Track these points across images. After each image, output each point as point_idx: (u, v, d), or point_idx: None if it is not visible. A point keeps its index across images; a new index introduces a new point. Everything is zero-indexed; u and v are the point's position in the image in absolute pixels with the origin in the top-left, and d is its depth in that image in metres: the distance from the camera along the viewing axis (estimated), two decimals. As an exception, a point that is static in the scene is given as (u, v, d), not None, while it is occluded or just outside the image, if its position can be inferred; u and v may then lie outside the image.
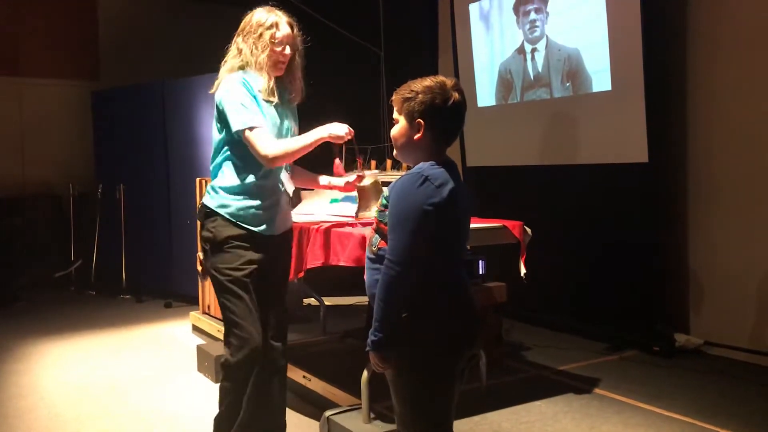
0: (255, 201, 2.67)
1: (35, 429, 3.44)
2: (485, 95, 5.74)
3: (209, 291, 5.01)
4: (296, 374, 3.69)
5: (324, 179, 2.99)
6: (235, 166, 2.68)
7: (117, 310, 6.16)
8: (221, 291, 2.67)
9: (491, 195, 5.62)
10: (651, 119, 4.42)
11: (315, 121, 2.76)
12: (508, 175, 5.64)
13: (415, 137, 1.94)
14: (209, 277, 2.76)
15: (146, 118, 6.61)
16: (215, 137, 2.73)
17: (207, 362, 4.12)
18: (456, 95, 1.92)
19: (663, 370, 4.15)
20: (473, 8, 5.77)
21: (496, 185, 5.74)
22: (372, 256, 1.97)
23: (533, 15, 5.18)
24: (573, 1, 4.89)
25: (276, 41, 2.67)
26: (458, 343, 1.93)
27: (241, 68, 2.69)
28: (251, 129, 2.57)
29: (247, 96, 2.62)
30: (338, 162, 2.93)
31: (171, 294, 6.33)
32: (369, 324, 1.91)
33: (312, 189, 3.60)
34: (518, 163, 5.51)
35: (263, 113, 2.65)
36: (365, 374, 3.12)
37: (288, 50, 2.70)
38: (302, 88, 2.82)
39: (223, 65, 2.74)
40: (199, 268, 4.89)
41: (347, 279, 4.80)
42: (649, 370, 4.16)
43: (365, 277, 2.02)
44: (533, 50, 5.23)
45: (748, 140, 4.28)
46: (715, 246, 4.49)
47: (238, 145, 2.65)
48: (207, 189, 2.76)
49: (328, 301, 5.33)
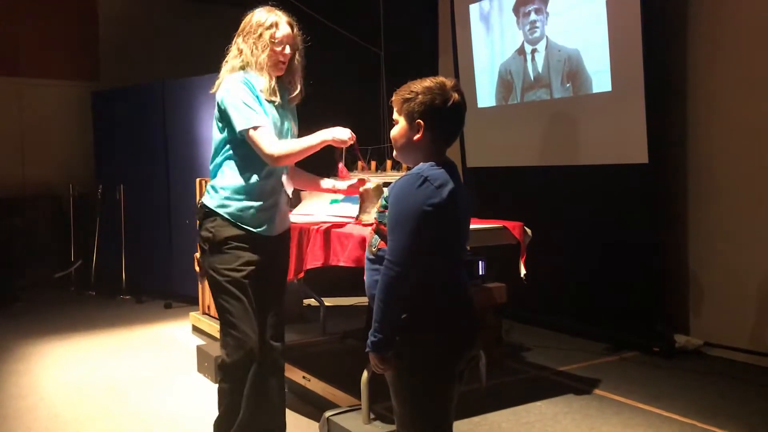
0: (255, 201, 2.67)
1: (35, 429, 3.44)
2: (485, 96, 5.74)
3: (209, 291, 5.00)
4: (296, 375, 3.68)
5: (327, 182, 3.00)
6: (237, 166, 2.68)
7: (117, 311, 6.16)
8: (218, 291, 2.67)
9: (491, 196, 5.62)
10: (651, 120, 4.42)
11: (315, 122, 2.77)
12: (508, 176, 5.63)
13: (415, 138, 1.93)
14: (206, 278, 2.76)
15: (146, 118, 6.61)
16: (216, 137, 2.72)
17: (207, 363, 4.12)
18: (456, 96, 1.92)
19: (663, 371, 4.15)
20: (473, 9, 5.77)
21: (496, 186, 5.74)
22: (372, 257, 1.96)
23: (533, 16, 5.18)
24: (573, 2, 4.89)
25: (276, 41, 2.67)
26: (458, 344, 1.93)
27: (242, 68, 2.69)
28: (255, 128, 2.57)
29: (250, 95, 2.62)
30: (342, 166, 2.94)
31: (171, 294, 6.33)
32: (369, 325, 1.90)
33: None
34: (518, 164, 5.51)
35: (266, 113, 2.65)
36: (365, 375, 3.11)
37: (288, 50, 2.70)
38: (302, 89, 2.82)
39: (224, 65, 2.74)
40: (197, 269, 4.87)
41: (347, 279, 4.79)
42: (649, 371, 4.16)
43: (365, 278, 2.01)
44: (533, 51, 5.23)
45: (748, 140, 4.28)
46: (715, 246, 4.48)
47: (241, 145, 2.65)
48: (206, 188, 2.75)
49: (328, 302, 5.33)
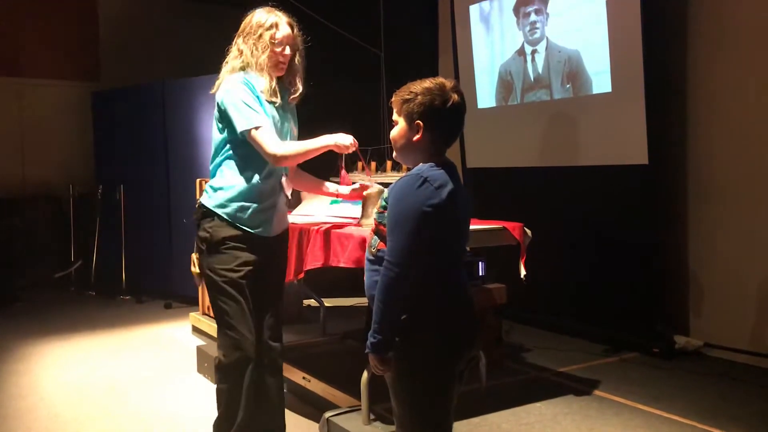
0: (254, 202, 2.67)
1: (35, 429, 3.44)
2: (485, 96, 5.74)
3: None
4: (296, 375, 3.68)
5: (330, 186, 3.00)
6: (236, 167, 2.68)
7: (117, 311, 6.16)
8: (216, 291, 2.66)
9: (491, 196, 5.62)
10: (651, 120, 4.41)
11: (315, 122, 2.77)
12: (508, 177, 5.63)
13: (415, 139, 1.93)
14: (204, 278, 2.75)
15: (146, 119, 6.61)
16: (216, 137, 2.72)
17: (207, 363, 4.11)
18: (455, 97, 1.92)
19: (663, 372, 4.14)
20: (473, 9, 5.77)
21: (496, 187, 5.74)
22: (371, 258, 1.96)
23: (533, 16, 5.18)
24: (573, 3, 4.88)
25: (276, 42, 2.67)
26: (458, 345, 1.93)
27: (242, 69, 2.69)
28: (257, 128, 2.57)
29: (251, 95, 2.62)
30: (344, 173, 2.95)
31: (171, 295, 6.33)
32: (368, 325, 1.90)
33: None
34: (518, 165, 5.51)
35: (266, 113, 2.65)
36: (365, 375, 3.11)
37: (288, 51, 2.70)
38: (302, 89, 2.82)
39: (224, 66, 2.74)
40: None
41: (347, 280, 4.79)
42: (649, 372, 4.15)
43: (365, 279, 2.01)
44: (533, 52, 5.23)
45: (748, 140, 4.28)
46: (715, 246, 4.48)
47: (241, 145, 2.65)
48: (205, 188, 2.75)
49: (328, 302, 5.33)
